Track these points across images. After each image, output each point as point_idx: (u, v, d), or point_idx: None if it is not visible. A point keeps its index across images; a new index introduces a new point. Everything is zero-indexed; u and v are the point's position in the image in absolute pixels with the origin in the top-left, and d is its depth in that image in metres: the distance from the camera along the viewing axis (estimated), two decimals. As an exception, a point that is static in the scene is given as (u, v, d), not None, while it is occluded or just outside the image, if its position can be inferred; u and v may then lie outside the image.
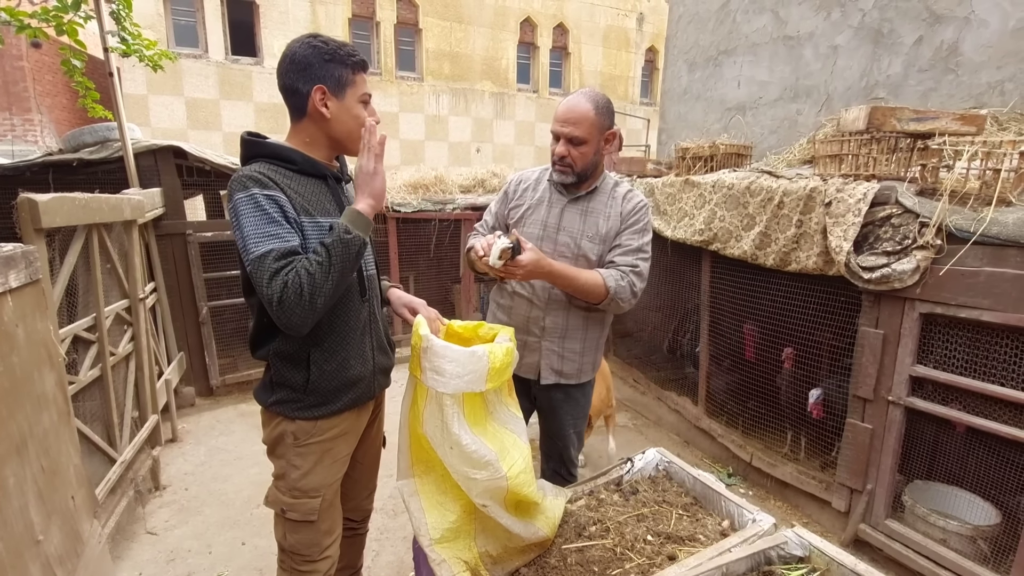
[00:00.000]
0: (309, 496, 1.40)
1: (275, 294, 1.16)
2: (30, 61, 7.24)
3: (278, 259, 1.18)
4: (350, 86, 1.32)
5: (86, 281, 2.15)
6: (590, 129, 1.69)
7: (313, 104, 1.29)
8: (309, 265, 1.19)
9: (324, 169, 1.37)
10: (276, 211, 1.21)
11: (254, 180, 1.21)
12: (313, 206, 1.31)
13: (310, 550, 1.44)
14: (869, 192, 2.11)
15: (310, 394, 1.37)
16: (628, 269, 1.74)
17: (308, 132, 1.35)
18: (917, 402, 2.12)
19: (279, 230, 1.20)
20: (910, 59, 3.62)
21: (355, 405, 1.46)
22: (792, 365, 2.77)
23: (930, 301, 2.02)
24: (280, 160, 1.30)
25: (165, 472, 2.94)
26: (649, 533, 1.72)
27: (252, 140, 1.33)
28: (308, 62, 1.27)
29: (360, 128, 1.35)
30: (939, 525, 2.14)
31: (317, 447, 1.40)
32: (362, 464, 1.70)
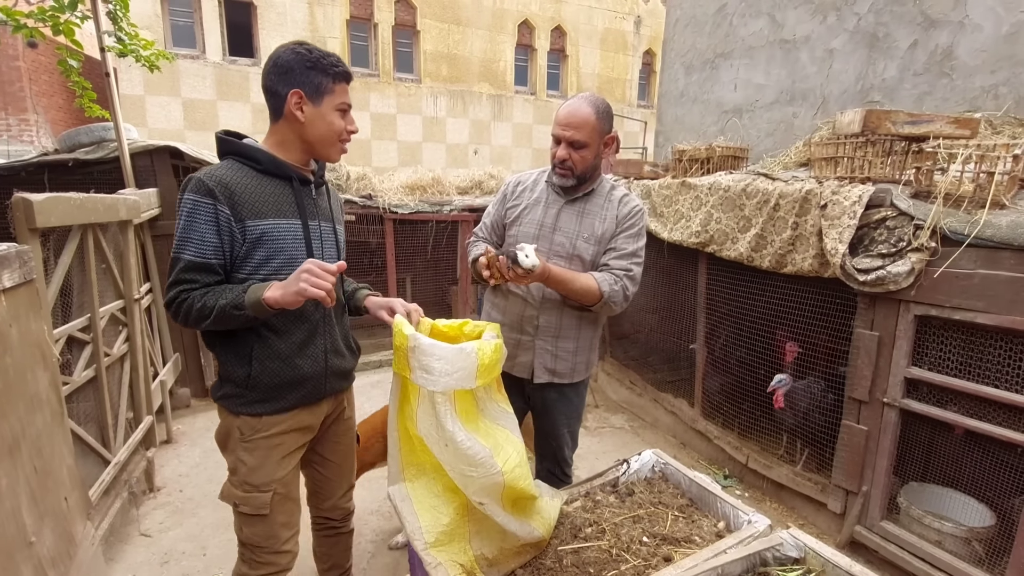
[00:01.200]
0: (259, 491, 1.42)
1: (170, 300, 1.31)
2: (26, 61, 7.22)
3: (188, 270, 1.29)
4: (328, 94, 1.37)
5: (81, 281, 2.14)
6: (591, 133, 1.70)
7: (289, 107, 1.34)
8: (200, 302, 1.28)
9: (290, 171, 1.40)
10: (210, 224, 1.29)
11: (203, 187, 1.28)
12: (267, 207, 1.36)
13: (268, 542, 1.47)
14: (864, 195, 2.12)
15: (252, 389, 1.39)
16: (622, 273, 1.76)
17: (282, 133, 1.40)
18: (912, 404, 2.12)
19: (202, 243, 1.29)
20: (905, 63, 3.64)
21: (303, 404, 1.47)
22: (792, 360, 2.78)
23: (925, 303, 2.02)
24: (246, 159, 1.37)
25: (160, 474, 2.93)
26: (645, 535, 1.72)
27: (224, 138, 1.40)
28: (290, 67, 1.33)
29: (334, 135, 1.41)
30: (934, 527, 2.15)
31: (264, 442, 1.42)
32: (333, 462, 1.71)
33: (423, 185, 5.33)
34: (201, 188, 1.29)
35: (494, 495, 1.40)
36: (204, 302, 1.28)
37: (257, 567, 1.48)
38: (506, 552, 1.50)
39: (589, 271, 1.79)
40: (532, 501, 1.54)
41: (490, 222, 1.98)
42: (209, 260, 1.30)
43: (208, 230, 1.29)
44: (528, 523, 1.51)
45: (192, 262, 1.29)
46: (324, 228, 1.50)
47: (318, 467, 1.70)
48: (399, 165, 10.70)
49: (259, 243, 1.35)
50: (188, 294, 1.29)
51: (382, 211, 4.80)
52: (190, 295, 1.29)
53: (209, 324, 1.29)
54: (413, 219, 5.01)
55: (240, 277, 1.35)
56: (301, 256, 1.41)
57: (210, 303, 1.27)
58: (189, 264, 1.29)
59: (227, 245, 1.32)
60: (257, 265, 1.36)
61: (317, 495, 1.76)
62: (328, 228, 1.52)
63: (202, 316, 1.28)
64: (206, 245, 1.30)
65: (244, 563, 1.50)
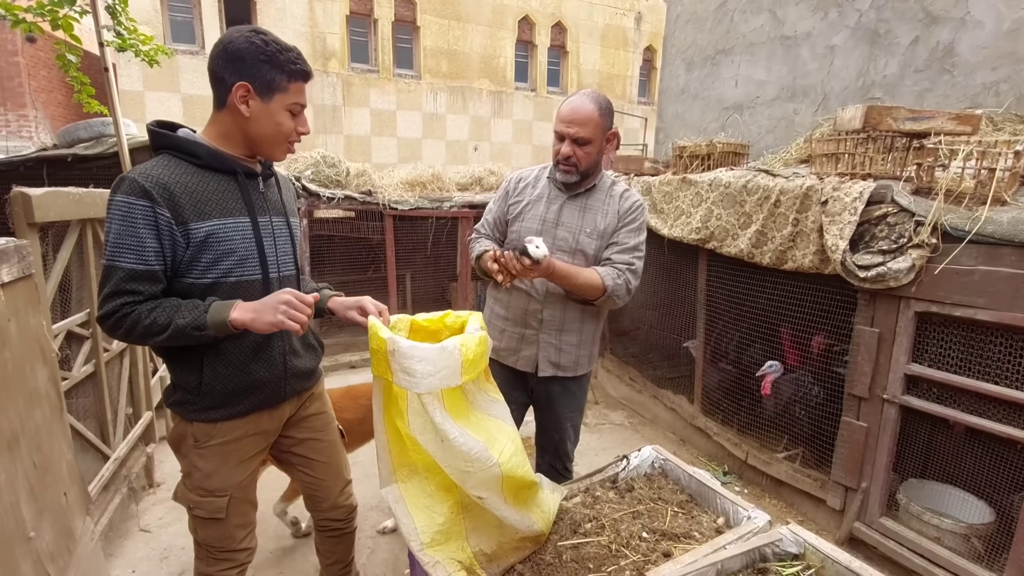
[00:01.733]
0: (214, 495, 1.38)
1: (107, 313, 1.17)
2: (25, 57, 7.20)
3: (130, 280, 1.17)
4: (280, 92, 1.25)
5: (80, 276, 2.14)
6: (594, 130, 1.72)
7: (233, 98, 1.23)
8: (149, 318, 1.17)
9: (233, 164, 1.30)
10: (148, 227, 1.17)
11: (139, 189, 1.16)
12: (211, 206, 1.25)
13: (223, 542, 1.44)
14: (865, 191, 2.11)
15: (204, 396, 1.32)
16: (624, 267, 1.78)
17: (224, 124, 1.29)
18: (912, 400, 2.13)
19: (143, 249, 1.17)
20: (906, 59, 3.63)
21: (259, 408, 1.41)
22: (795, 358, 2.79)
23: (925, 300, 2.02)
24: (184, 153, 1.25)
25: (159, 469, 2.93)
26: (644, 530, 1.72)
27: (157, 131, 1.28)
28: (240, 56, 1.21)
29: (281, 136, 1.29)
30: (933, 523, 2.15)
31: (218, 449, 1.37)
32: (321, 462, 1.64)
33: (423, 181, 5.32)
34: (136, 189, 1.16)
35: (494, 488, 1.39)
36: (153, 319, 1.17)
37: (215, 563, 1.46)
38: (505, 547, 1.50)
39: (592, 266, 1.80)
40: (533, 489, 1.54)
41: (492, 218, 1.99)
42: (152, 267, 1.19)
43: (148, 234, 1.17)
44: (528, 516, 1.51)
45: (134, 271, 1.17)
46: (276, 223, 1.40)
47: (306, 470, 1.64)
48: (399, 162, 10.68)
49: (205, 246, 1.24)
50: (132, 307, 1.17)
51: (382, 207, 4.80)
52: (135, 309, 1.17)
53: (160, 341, 1.19)
54: (413, 215, 5.00)
55: (186, 283, 1.26)
56: (252, 256, 1.32)
57: (161, 320, 1.17)
58: (131, 273, 1.17)
59: (168, 250, 1.20)
60: (204, 269, 1.26)
61: (315, 499, 1.69)
62: (280, 222, 1.42)
63: (150, 333, 1.18)
64: (147, 251, 1.18)
65: (201, 561, 1.48)
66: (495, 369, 1.99)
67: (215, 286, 1.28)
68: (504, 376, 1.99)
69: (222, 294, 1.28)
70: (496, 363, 1.99)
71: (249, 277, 1.32)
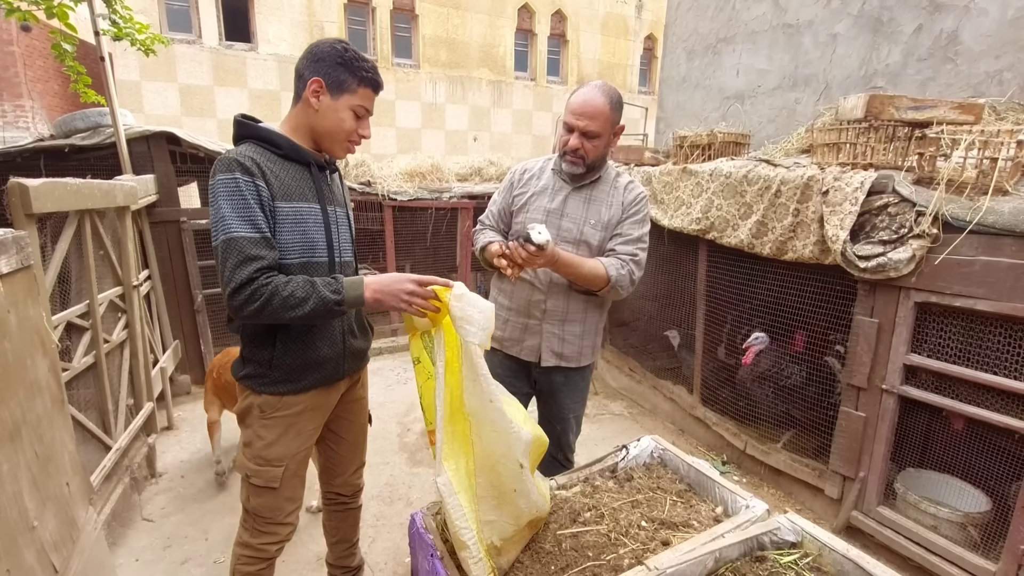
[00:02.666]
0: (272, 465, 1.47)
1: (243, 282, 1.23)
2: (21, 46, 7.13)
3: (253, 246, 1.24)
4: (348, 92, 1.37)
5: (79, 267, 2.13)
6: (604, 124, 1.72)
7: (307, 92, 1.35)
8: (287, 290, 1.25)
9: (308, 156, 1.41)
10: (254, 198, 1.27)
11: (239, 165, 1.27)
12: (292, 191, 1.37)
13: (272, 513, 1.52)
14: (866, 181, 2.11)
15: (275, 370, 1.42)
16: (628, 258, 1.78)
17: (296, 119, 1.41)
18: (911, 391, 2.13)
19: (254, 217, 1.27)
20: (909, 48, 3.60)
21: (321, 384, 1.50)
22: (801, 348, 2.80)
23: (925, 290, 2.02)
24: (267, 143, 1.37)
25: (161, 460, 2.94)
26: (643, 519, 1.73)
27: (244, 122, 1.40)
28: (321, 56, 1.34)
29: (343, 132, 1.41)
30: (930, 512, 2.17)
31: (282, 420, 1.46)
32: (346, 440, 1.76)
33: (422, 172, 5.30)
34: (237, 166, 1.27)
35: (533, 454, 1.46)
36: (291, 291, 1.25)
37: (259, 535, 1.53)
38: (512, 539, 1.51)
39: (596, 256, 1.80)
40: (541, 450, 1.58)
41: (496, 209, 1.99)
42: (265, 233, 1.28)
43: (255, 204, 1.27)
44: (540, 491, 1.53)
45: (252, 238, 1.25)
46: (339, 212, 1.52)
47: (332, 445, 1.75)
48: (398, 152, 10.63)
49: (286, 225, 1.35)
50: (268, 278, 1.24)
51: (381, 198, 4.78)
52: (271, 280, 1.24)
53: (295, 316, 1.26)
54: (412, 206, 4.98)
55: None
56: (321, 241, 1.43)
57: (300, 294, 1.25)
58: (250, 240, 1.24)
59: (271, 221, 1.32)
60: (286, 248, 1.35)
61: (329, 471, 1.81)
62: (342, 213, 1.55)
63: (287, 306, 1.25)
64: (257, 219, 1.27)
65: (246, 531, 1.54)
66: (499, 359, 2.01)
67: (296, 268, 1.37)
68: (507, 366, 1.99)
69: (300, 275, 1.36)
70: (500, 353, 2.00)
71: (318, 259, 1.43)
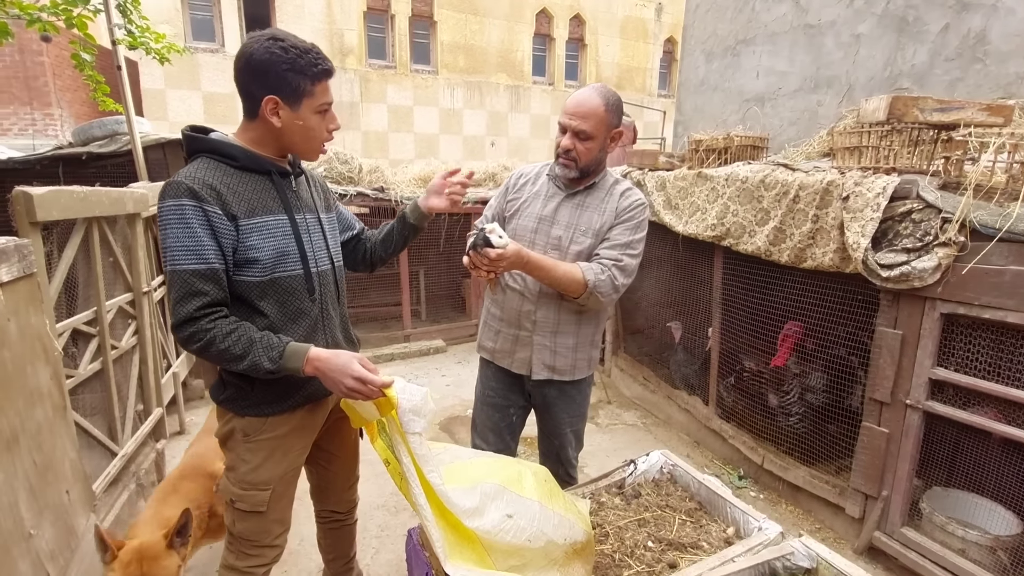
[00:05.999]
0: (258, 488, 1.41)
1: (180, 322, 1.20)
2: (50, 56, 7.35)
3: (198, 279, 1.19)
4: (307, 97, 1.27)
5: (87, 275, 2.15)
6: (598, 125, 1.65)
7: (264, 112, 1.26)
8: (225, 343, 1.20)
9: (267, 165, 1.33)
10: (202, 227, 1.19)
11: (187, 190, 1.18)
12: (255, 206, 1.29)
13: (259, 536, 1.46)
14: (889, 186, 2.01)
15: (258, 391, 1.35)
16: (611, 263, 1.68)
17: (258, 132, 1.32)
18: (936, 406, 2.02)
19: (201, 247, 1.19)
20: (936, 48, 3.46)
21: (307, 402, 1.44)
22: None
23: (952, 301, 1.91)
24: (221, 156, 1.28)
25: (170, 465, 2.95)
26: (650, 539, 1.66)
27: (193, 136, 1.30)
28: (264, 69, 1.21)
29: (315, 140, 1.34)
30: (958, 534, 2.05)
31: (267, 443, 1.40)
32: (339, 458, 1.70)
33: (436, 177, 5.28)
34: (183, 191, 1.18)
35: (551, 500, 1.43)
36: (228, 346, 1.20)
37: (245, 559, 1.48)
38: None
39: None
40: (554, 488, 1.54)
41: (491, 214, 1.94)
42: (213, 265, 1.21)
43: (203, 233, 1.19)
44: (566, 518, 1.47)
45: (196, 271, 1.19)
46: (309, 219, 1.43)
47: (323, 463, 1.68)
48: (416, 157, 10.67)
49: (254, 243, 1.27)
50: (213, 322, 1.20)
51: (394, 203, 4.78)
52: (214, 325, 1.20)
53: (233, 368, 1.24)
54: (425, 212, 4.96)
55: (243, 281, 1.28)
56: (293, 252, 1.35)
57: (236, 351, 1.20)
58: (193, 272, 1.18)
59: (227, 248, 1.23)
60: (256, 266, 1.29)
61: (322, 490, 1.75)
62: (312, 219, 1.45)
63: (224, 359, 1.22)
64: (206, 250, 1.19)
65: (232, 554, 1.49)
66: (492, 371, 1.95)
67: (268, 284, 1.32)
68: (500, 379, 1.94)
69: (274, 292, 1.33)
70: (492, 365, 1.94)
71: (291, 272, 1.35)
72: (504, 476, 1.45)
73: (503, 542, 1.34)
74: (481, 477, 1.41)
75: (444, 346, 5.13)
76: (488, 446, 1.97)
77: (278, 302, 1.35)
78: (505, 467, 1.50)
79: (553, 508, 1.48)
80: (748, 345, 2.99)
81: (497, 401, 1.95)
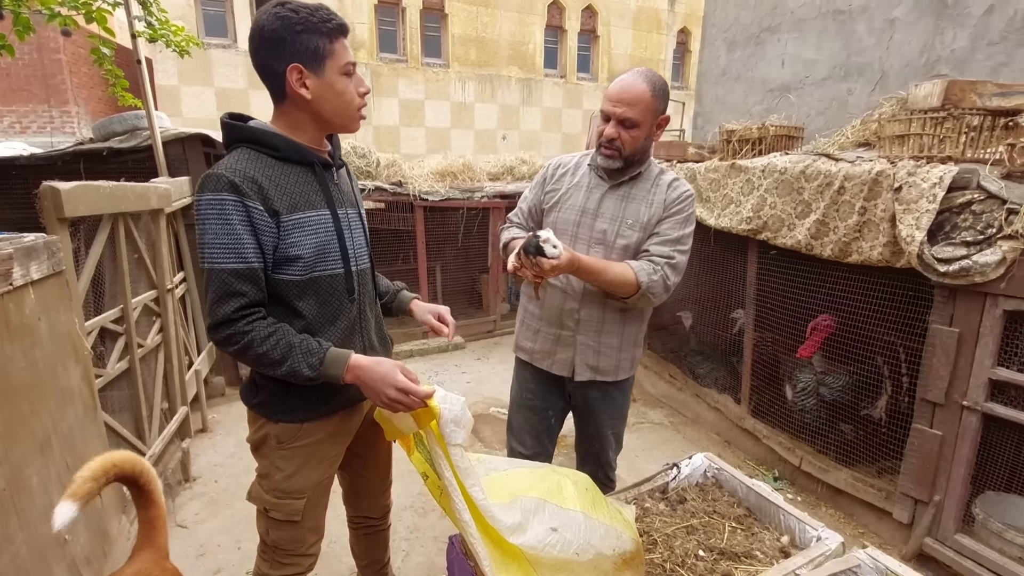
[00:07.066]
0: (293, 497, 1.35)
1: (217, 324, 1.15)
2: (67, 54, 7.35)
3: (237, 279, 1.13)
4: (329, 57, 1.17)
5: (112, 272, 2.11)
6: (644, 112, 1.55)
7: (291, 86, 1.17)
8: (264, 347, 1.15)
9: (310, 156, 1.25)
10: (243, 223, 1.13)
11: (229, 184, 1.11)
12: (298, 200, 1.21)
13: (294, 545, 1.41)
14: (947, 175, 1.91)
15: (293, 396, 1.28)
16: (663, 261, 1.59)
17: (292, 115, 1.23)
18: (997, 408, 1.92)
19: (241, 245, 1.13)
20: (978, 31, 3.32)
21: (344, 408, 1.37)
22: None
23: (1017, 297, 1.81)
24: (262, 146, 1.20)
25: (195, 463, 2.93)
26: (700, 548, 1.59)
27: (233, 124, 1.22)
28: (279, 36, 1.13)
29: (351, 106, 1.24)
30: (1017, 542, 1.95)
31: (302, 450, 1.33)
32: (372, 462, 1.63)
33: (453, 171, 5.21)
34: (224, 184, 1.11)
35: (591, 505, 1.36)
36: (267, 351, 1.15)
37: (279, 567, 1.42)
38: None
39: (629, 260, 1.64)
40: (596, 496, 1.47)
41: (527, 207, 1.85)
42: (252, 264, 1.14)
43: (244, 230, 1.12)
44: (613, 527, 1.40)
45: (236, 271, 1.12)
46: (351, 215, 1.36)
47: (358, 468, 1.62)
48: (427, 152, 10.61)
49: (296, 239, 1.20)
50: (251, 324, 1.15)
51: (412, 198, 4.72)
52: (253, 328, 1.15)
53: (268, 373, 1.19)
54: (443, 206, 4.91)
55: (282, 280, 1.21)
56: (335, 249, 1.28)
57: (275, 355, 1.15)
58: (232, 272, 1.12)
59: (268, 246, 1.17)
60: (296, 264, 1.22)
61: (356, 495, 1.69)
62: (355, 214, 1.38)
63: (262, 364, 1.17)
64: (246, 248, 1.13)
65: (266, 562, 1.44)
66: (530, 373, 1.88)
67: (308, 283, 1.25)
68: (539, 381, 1.86)
69: (313, 291, 1.26)
70: (530, 367, 1.86)
71: (333, 271, 1.29)
72: (543, 488, 1.39)
73: (550, 557, 1.28)
74: (519, 491, 1.35)
75: (463, 342, 5.08)
76: (525, 450, 1.90)
77: (317, 302, 1.28)
78: (544, 478, 1.44)
79: (598, 517, 1.41)
80: (781, 342, 2.90)
81: (535, 404, 1.88)
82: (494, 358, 4.81)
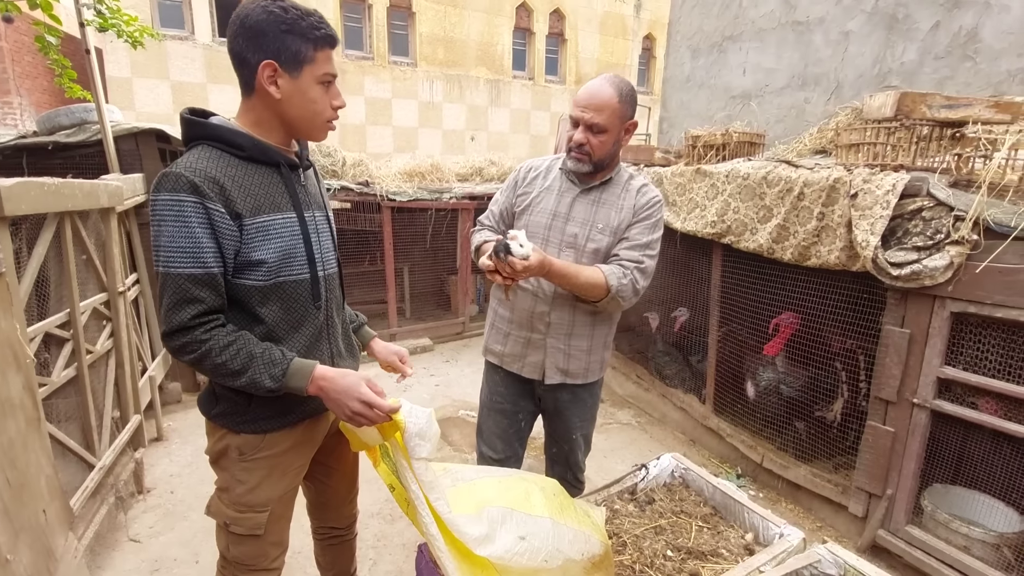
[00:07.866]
0: (255, 511, 1.28)
1: (172, 331, 1.09)
2: (8, 41, 6.94)
3: (190, 286, 1.07)
4: (308, 64, 1.13)
5: (58, 274, 1.99)
6: (612, 117, 1.58)
7: (260, 80, 1.12)
8: (222, 357, 1.10)
9: (276, 156, 1.19)
10: (202, 226, 1.07)
11: (188, 184, 1.05)
12: (262, 202, 1.16)
13: (256, 560, 1.34)
14: (899, 183, 1.99)
15: (256, 406, 1.23)
16: (632, 265, 1.62)
17: (257, 111, 1.18)
18: (944, 405, 2.02)
19: (200, 249, 1.07)
20: (926, 45, 3.50)
21: (309, 416, 1.32)
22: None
23: (963, 300, 1.91)
24: (226, 144, 1.14)
25: (149, 474, 2.80)
26: (668, 548, 1.61)
27: (193, 120, 1.15)
28: (261, 29, 1.08)
29: (319, 115, 1.19)
30: (961, 532, 2.06)
31: (265, 462, 1.27)
32: (339, 472, 1.57)
33: (422, 172, 5.15)
34: (183, 184, 1.05)
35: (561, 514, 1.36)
36: (225, 361, 1.09)
37: None
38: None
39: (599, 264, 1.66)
40: (565, 501, 1.46)
41: (498, 210, 1.85)
42: (211, 269, 1.09)
43: (203, 233, 1.06)
44: (581, 531, 1.40)
45: (193, 276, 1.07)
46: (318, 218, 1.31)
47: (322, 478, 1.56)
48: (394, 151, 10.48)
49: (259, 243, 1.15)
50: (209, 332, 1.09)
51: (379, 198, 4.64)
52: (211, 337, 1.09)
53: (228, 384, 1.15)
54: (412, 207, 4.84)
55: (243, 285, 1.16)
56: (301, 253, 1.23)
57: (234, 366, 1.10)
58: (189, 278, 1.06)
59: (228, 250, 1.11)
60: (259, 269, 1.16)
61: (322, 506, 1.63)
62: (322, 217, 1.33)
63: (220, 374, 1.11)
64: (204, 252, 1.07)
65: None
66: (500, 377, 1.87)
67: (272, 289, 1.19)
68: (509, 384, 1.86)
69: (277, 297, 1.21)
70: (500, 370, 1.86)
71: (298, 276, 1.23)
72: (511, 497, 1.39)
73: (518, 566, 1.28)
74: (487, 500, 1.34)
75: (431, 344, 5.02)
76: (496, 454, 1.89)
77: (281, 308, 1.22)
78: (511, 487, 1.44)
79: (566, 523, 1.42)
80: (746, 343, 2.98)
81: (506, 407, 1.87)
82: (463, 360, 4.78)
